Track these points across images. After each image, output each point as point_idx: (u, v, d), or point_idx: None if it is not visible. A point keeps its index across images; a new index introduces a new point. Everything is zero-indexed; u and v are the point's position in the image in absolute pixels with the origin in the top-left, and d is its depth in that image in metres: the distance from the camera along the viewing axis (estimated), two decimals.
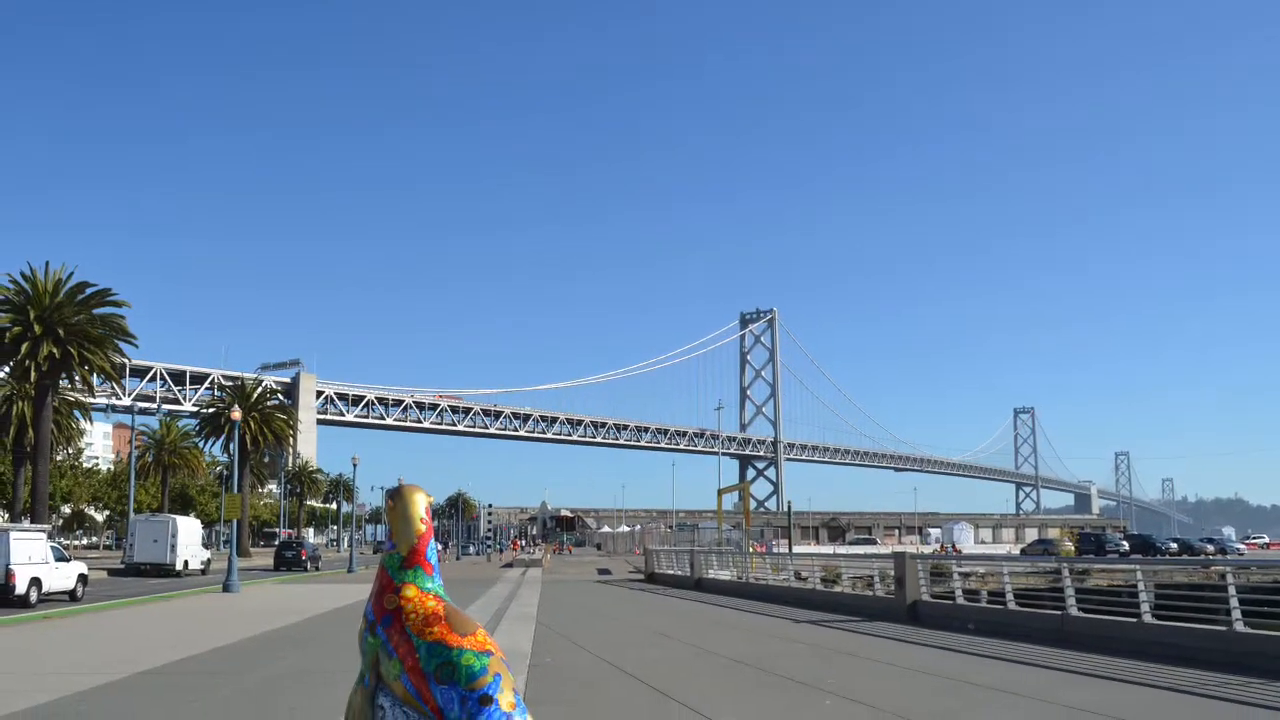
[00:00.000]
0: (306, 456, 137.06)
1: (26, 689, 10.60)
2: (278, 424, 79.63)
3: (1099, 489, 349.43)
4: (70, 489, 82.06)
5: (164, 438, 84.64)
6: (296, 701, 10.10)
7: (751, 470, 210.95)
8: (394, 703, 5.26)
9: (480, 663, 5.19)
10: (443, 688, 5.12)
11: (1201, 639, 13.58)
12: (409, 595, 5.53)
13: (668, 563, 43.85)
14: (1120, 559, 48.07)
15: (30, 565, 25.58)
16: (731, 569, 36.91)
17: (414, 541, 5.71)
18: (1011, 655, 14.27)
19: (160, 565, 43.44)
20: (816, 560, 32.16)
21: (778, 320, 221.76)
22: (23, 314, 46.68)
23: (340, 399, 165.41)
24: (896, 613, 21.10)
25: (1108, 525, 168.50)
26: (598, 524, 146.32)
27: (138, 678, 11.90)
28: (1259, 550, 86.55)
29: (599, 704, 10.18)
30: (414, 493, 5.93)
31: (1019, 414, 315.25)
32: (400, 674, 5.25)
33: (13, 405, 53.92)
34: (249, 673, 12.55)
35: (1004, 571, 22.69)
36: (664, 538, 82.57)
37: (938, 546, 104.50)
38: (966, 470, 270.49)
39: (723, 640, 17.26)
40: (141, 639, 17.03)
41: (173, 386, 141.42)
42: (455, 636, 5.28)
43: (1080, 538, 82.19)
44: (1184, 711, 9.60)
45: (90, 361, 49.17)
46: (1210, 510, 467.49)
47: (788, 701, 10.46)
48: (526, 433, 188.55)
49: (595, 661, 13.99)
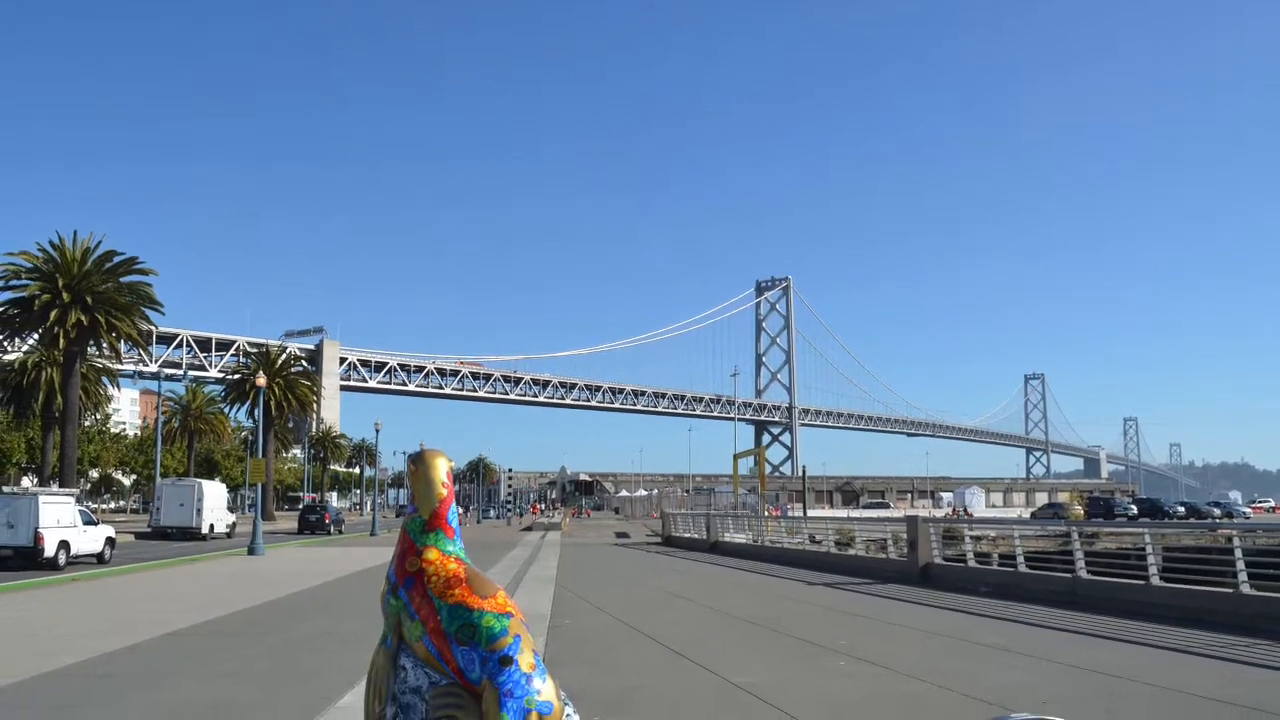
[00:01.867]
0: (330, 422, 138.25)
1: (55, 650, 10.80)
2: (302, 390, 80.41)
3: (1108, 454, 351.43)
4: (98, 454, 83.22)
5: (190, 403, 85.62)
6: (320, 662, 10.29)
7: (767, 435, 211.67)
8: (416, 663, 5.50)
9: (501, 624, 5.41)
10: (463, 649, 5.35)
11: (1208, 601, 13.76)
12: (430, 558, 5.76)
13: (684, 526, 44.22)
14: (1129, 522, 48.27)
15: (59, 529, 26.08)
16: (747, 532, 37.21)
17: (435, 505, 5.93)
18: (1022, 616, 14.47)
19: (186, 529, 44.22)
20: (830, 524, 32.38)
21: (792, 288, 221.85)
22: (51, 282, 47.28)
23: (363, 365, 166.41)
24: (909, 575, 21.34)
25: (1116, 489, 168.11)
26: (616, 488, 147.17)
27: (164, 639, 12.07)
28: (1265, 514, 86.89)
29: (617, 664, 10.39)
30: (435, 457, 6.14)
31: (1029, 380, 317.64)
32: (422, 635, 5.49)
33: (42, 372, 54.66)
34: (273, 634, 12.76)
35: (1014, 535, 22.90)
36: (681, 502, 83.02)
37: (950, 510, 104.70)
38: (978, 435, 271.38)
39: (738, 602, 17.50)
40: (168, 602, 17.24)
41: (199, 353, 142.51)
42: (476, 599, 5.51)
43: (1089, 501, 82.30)
44: (1190, 671, 9.76)
45: (117, 328, 49.80)
46: (1217, 474, 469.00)
47: (802, 662, 10.66)
48: (546, 399, 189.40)
49: (613, 623, 14.24)
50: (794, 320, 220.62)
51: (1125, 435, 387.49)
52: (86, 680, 9.17)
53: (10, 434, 65.35)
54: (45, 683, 9.02)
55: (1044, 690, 8.79)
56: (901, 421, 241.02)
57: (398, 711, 5.48)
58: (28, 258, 48.04)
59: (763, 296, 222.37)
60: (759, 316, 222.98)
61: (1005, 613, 15.05)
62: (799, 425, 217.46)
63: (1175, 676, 9.37)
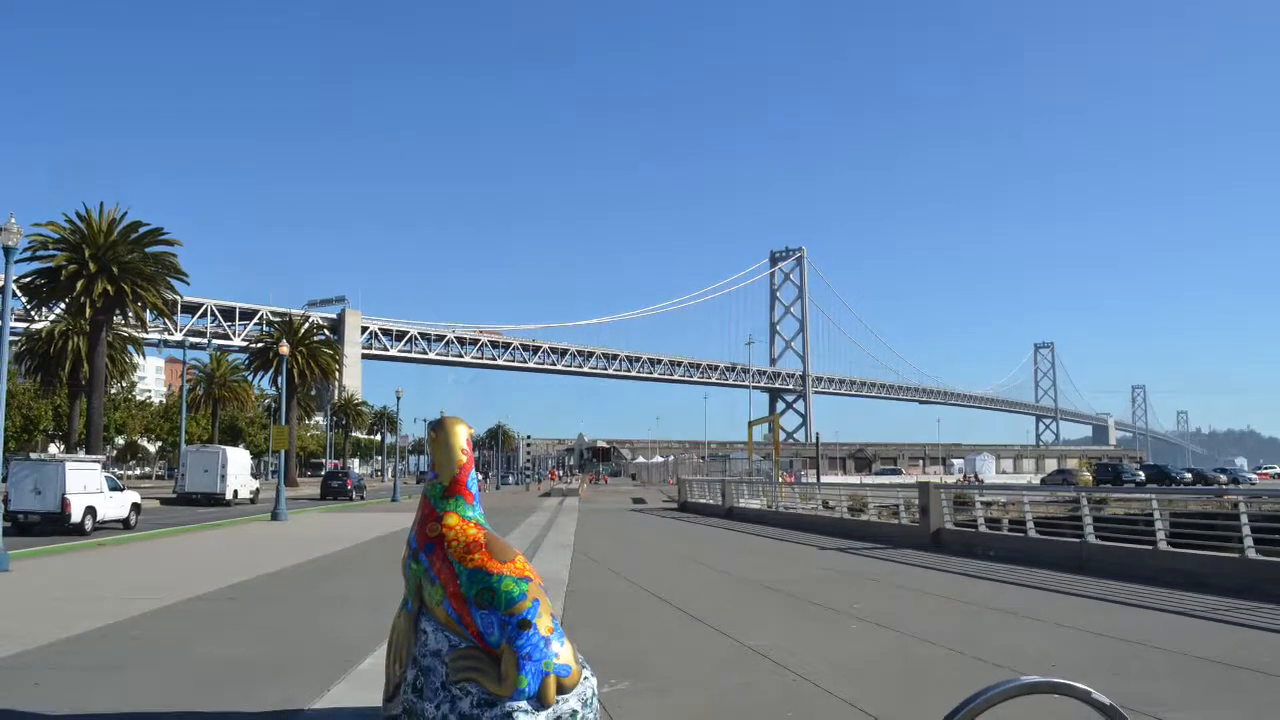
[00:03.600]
0: (352, 390, 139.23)
1: (82, 614, 10.97)
2: (324, 358, 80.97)
3: (1116, 421, 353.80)
4: (124, 421, 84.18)
5: (214, 372, 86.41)
6: (342, 626, 10.45)
7: (781, 403, 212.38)
8: (436, 627, 5.74)
9: (519, 589, 5.65)
10: (483, 612, 5.59)
11: (1214, 565, 13.91)
12: (450, 523, 6.00)
13: (700, 492, 44.50)
14: (1136, 488, 48.42)
15: (85, 494, 26.49)
16: (761, 498, 37.42)
17: (455, 471, 6.16)
18: (1031, 581, 14.62)
19: (211, 494, 44.91)
20: (843, 490, 32.52)
21: (806, 258, 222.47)
22: (78, 252, 47.74)
23: (384, 334, 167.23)
24: (921, 540, 21.52)
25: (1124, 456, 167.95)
26: (632, 455, 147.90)
27: (189, 603, 12.24)
28: (1270, 480, 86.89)
29: (633, 628, 10.57)
30: (455, 424, 6.37)
31: (1039, 349, 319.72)
32: (442, 599, 5.72)
33: (68, 340, 55.27)
34: (296, 598, 12.95)
35: (1024, 500, 23.08)
36: (696, 468, 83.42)
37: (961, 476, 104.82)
38: (988, 403, 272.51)
39: (753, 566, 17.70)
40: (193, 566, 17.46)
41: (223, 322, 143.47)
42: (495, 563, 5.74)
43: (1098, 468, 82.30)
44: (1196, 634, 9.90)
45: (143, 298, 50.35)
46: (1223, 441, 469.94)
47: (815, 625, 10.83)
48: (564, 367, 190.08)
49: (630, 587, 14.44)
50: (807, 290, 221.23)
51: (1133, 403, 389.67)
52: (113, 643, 9.34)
53: (38, 402, 66.13)
54: (73, 646, 9.19)
55: (1053, 653, 8.95)
56: (914, 389, 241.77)
57: (418, 674, 5.72)
58: (55, 228, 48.43)
59: (777, 267, 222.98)
60: (773, 286, 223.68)
61: (1015, 577, 15.20)
62: (812, 393, 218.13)
63: (1183, 639, 9.51)
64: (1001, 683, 2.68)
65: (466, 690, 5.44)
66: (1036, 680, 2.73)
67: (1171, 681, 7.65)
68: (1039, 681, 2.73)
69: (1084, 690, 2.71)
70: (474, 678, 5.47)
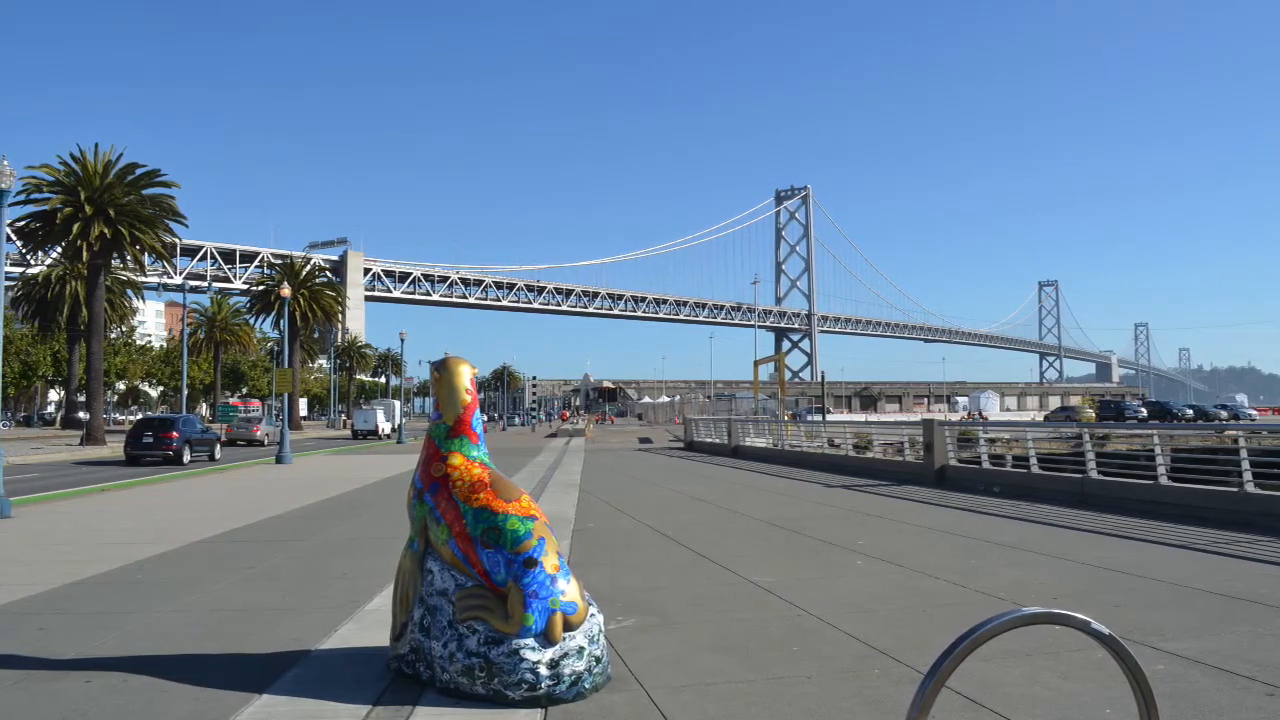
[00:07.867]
0: (355, 332, 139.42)
1: (86, 559, 11.04)
2: (326, 300, 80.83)
3: (1119, 358, 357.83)
4: (124, 366, 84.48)
5: (215, 315, 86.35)
6: (348, 567, 10.52)
7: (786, 342, 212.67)
8: (442, 566, 5.76)
9: (525, 527, 5.66)
10: (489, 551, 5.60)
11: (1214, 500, 14.00)
12: (455, 463, 5.99)
13: (706, 431, 44.72)
14: (1138, 425, 48.61)
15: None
16: (767, 437, 37.63)
17: (459, 411, 6.13)
18: (1034, 516, 14.72)
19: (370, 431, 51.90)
20: (849, 428, 32.66)
21: (811, 197, 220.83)
22: (73, 195, 47.32)
23: (388, 276, 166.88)
24: (925, 477, 21.66)
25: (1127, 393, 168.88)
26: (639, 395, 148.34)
27: (194, 546, 12.24)
28: (1270, 415, 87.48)
29: (639, 565, 10.65)
30: (459, 364, 6.33)
31: (1043, 287, 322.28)
32: (448, 539, 5.74)
33: (66, 285, 55.22)
34: (301, 540, 12.99)
35: (1027, 437, 23.16)
36: (702, 407, 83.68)
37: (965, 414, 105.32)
38: (993, 341, 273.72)
39: (758, 504, 17.81)
40: (196, 510, 17.48)
41: (223, 265, 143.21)
42: (501, 502, 5.75)
43: (1100, 405, 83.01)
44: (1196, 566, 9.99)
45: (141, 241, 50.02)
46: (1224, 378, 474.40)
47: (820, 561, 10.92)
48: (569, 307, 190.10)
49: (636, 525, 14.53)
50: (813, 229, 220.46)
51: (1136, 340, 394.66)
52: (118, 587, 9.38)
53: (36, 347, 66.15)
54: (77, 590, 9.23)
55: (1055, 586, 9.02)
56: (918, 328, 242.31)
57: (425, 613, 5.76)
58: (49, 171, 48.01)
59: (782, 205, 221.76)
60: (778, 225, 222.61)
61: (1018, 512, 15.30)
62: (818, 332, 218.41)
63: (1182, 572, 9.59)
64: (1003, 614, 2.70)
65: (473, 629, 5.48)
66: (1037, 611, 2.77)
67: (1171, 611, 7.72)
68: (1039, 613, 2.76)
69: (1083, 620, 2.75)
70: (481, 616, 5.51)
